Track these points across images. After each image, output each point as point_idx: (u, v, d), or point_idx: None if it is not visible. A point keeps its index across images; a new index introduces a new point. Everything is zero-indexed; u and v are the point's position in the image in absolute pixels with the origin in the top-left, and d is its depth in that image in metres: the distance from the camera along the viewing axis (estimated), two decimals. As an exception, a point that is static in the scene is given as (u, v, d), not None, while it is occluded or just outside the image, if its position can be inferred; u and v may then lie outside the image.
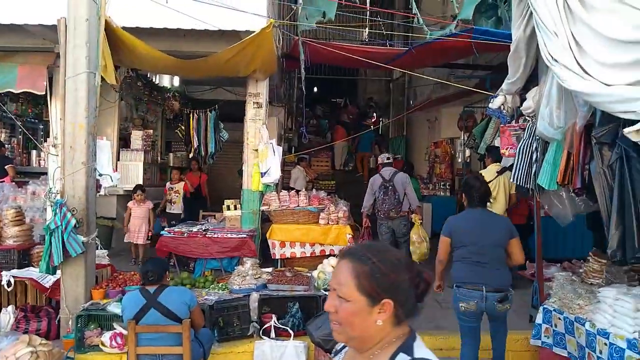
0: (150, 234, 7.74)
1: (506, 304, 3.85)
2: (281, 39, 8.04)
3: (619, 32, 2.89)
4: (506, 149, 4.75)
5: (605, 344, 3.60)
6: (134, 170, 8.43)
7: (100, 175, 5.19)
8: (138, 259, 7.60)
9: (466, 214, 4.09)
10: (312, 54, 7.65)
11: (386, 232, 7.03)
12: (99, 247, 5.70)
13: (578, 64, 3.10)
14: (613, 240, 2.95)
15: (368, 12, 11.38)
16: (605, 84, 2.94)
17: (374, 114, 17.68)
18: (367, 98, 19.23)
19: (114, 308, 4.51)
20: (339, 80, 17.19)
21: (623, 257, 2.92)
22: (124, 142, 8.87)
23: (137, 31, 6.14)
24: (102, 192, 5.42)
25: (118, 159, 8.53)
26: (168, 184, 8.90)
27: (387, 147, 15.94)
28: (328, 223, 7.40)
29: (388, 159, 7.51)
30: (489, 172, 6.57)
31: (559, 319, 4.11)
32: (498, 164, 6.61)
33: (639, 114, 2.72)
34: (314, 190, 8.68)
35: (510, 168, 6.34)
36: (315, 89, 22.50)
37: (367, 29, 13.43)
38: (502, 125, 4.69)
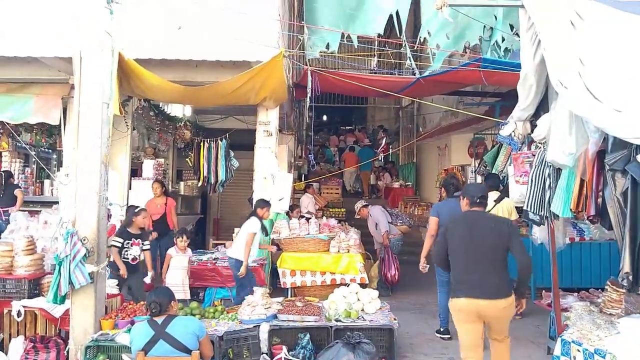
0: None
1: None
2: (291, 68, 8.16)
3: (626, 58, 2.89)
4: (520, 177, 4.70)
5: (627, 377, 3.47)
6: (144, 200, 8.45)
7: (111, 204, 5.21)
8: None
9: (445, 201, 6.10)
10: (321, 83, 7.74)
11: None
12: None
13: (588, 90, 3.09)
14: (624, 267, 2.87)
15: (376, 42, 11.53)
16: (616, 110, 2.92)
17: (384, 141, 17.77)
18: (377, 125, 19.38)
19: (123, 339, 4.46)
20: (349, 109, 17.36)
21: (635, 285, 2.84)
22: (135, 171, 8.95)
23: (149, 62, 6.27)
24: (112, 221, 5.43)
25: (130, 188, 8.58)
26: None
27: (398, 174, 15.96)
28: (339, 251, 7.34)
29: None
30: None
31: (578, 350, 3.98)
32: (496, 191, 6.55)
33: (653, 140, 2.69)
34: (324, 218, 8.65)
35: (507, 195, 6.34)
36: (325, 118, 22.75)
37: (375, 58, 13.58)
38: (514, 153, 4.66)
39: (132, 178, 8.68)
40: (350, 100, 15.81)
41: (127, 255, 6.00)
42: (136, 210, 6.28)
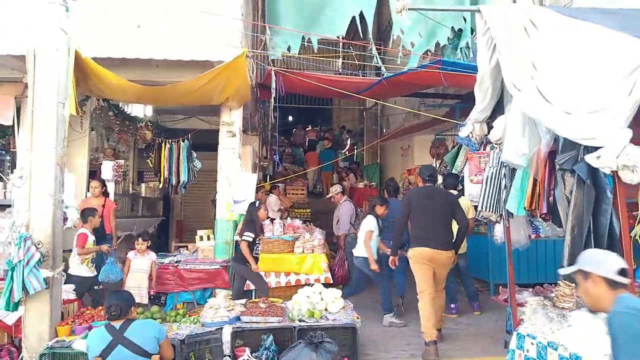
0: (152, 293, 6.43)
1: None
2: (255, 69, 8.12)
3: (574, 62, 3.02)
4: (474, 176, 4.84)
5: (578, 368, 3.61)
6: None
7: (67, 207, 5.06)
8: None
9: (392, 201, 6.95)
10: (285, 83, 7.74)
11: None
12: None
13: (540, 93, 3.22)
14: (564, 262, 3.01)
15: (341, 44, 11.62)
16: (566, 112, 3.05)
17: (349, 142, 17.91)
18: (340, 127, 19.51)
19: (80, 345, 4.33)
20: (314, 109, 17.39)
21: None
22: (94, 173, 8.70)
23: (108, 61, 6.12)
24: (68, 225, 5.27)
25: (88, 190, 8.34)
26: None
27: (362, 174, 16.12)
28: (303, 252, 7.35)
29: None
30: None
31: (532, 344, 4.12)
32: (454, 190, 6.73)
33: (599, 141, 2.82)
34: (288, 218, 8.65)
35: (464, 193, 6.54)
36: (290, 118, 22.75)
37: (340, 59, 13.70)
38: (470, 153, 4.79)
39: (91, 180, 8.43)
40: (316, 101, 15.85)
41: (257, 250, 6.39)
42: (257, 205, 6.48)
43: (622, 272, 2.29)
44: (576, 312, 3.95)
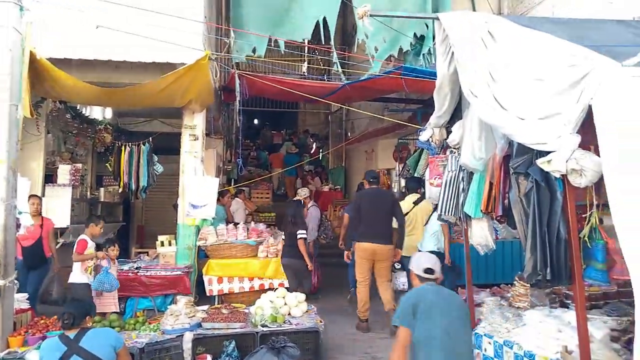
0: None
1: None
2: (218, 72, 8.04)
3: (527, 70, 3.13)
4: (434, 179, 4.94)
5: (532, 366, 3.74)
6: (60, 207, 7.97)
7: (20, 213, 4.88)
8: None
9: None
10: (250, 87, 7.70)
11: None
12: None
13: (495, 99, 3.32)
14: (528, 265, 3.11)
15: (306, 48, 11.66)
16: (520, 118, 3.15)
17: (314, 145, 17.98)
18: (303, 131, 19.59)
19: (33, 356, 4.17)
20: (280, 113, 17.36)
21: (537, 281, 3.09)
22: (50, 177, 8.40)
23: (65, 62, 5.95)
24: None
25: (43, 195, 8.05)
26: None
27: (328, 178, 16.19)
28: (267, 256, 7.31)
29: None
30: (405, 203, 6.83)
31: (489, 343, 4.24)
32: (415, 194, 6.87)
33: (550, 146, 2.92)
34: (252, 222, 8.59)
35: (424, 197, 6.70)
36: (256, 121, 22.63)
37: (305, 63, 13.73)
38: (430, 157, 4.89)
39: (47, 184, 8.16)
40: (281, 104, 15.82)
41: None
42: (302, 203, 7.19)
43: (428, 271, 3.28)
44: (530, 311, 4.09)
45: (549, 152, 2.95)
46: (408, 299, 3.20)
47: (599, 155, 2.81)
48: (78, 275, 5.69)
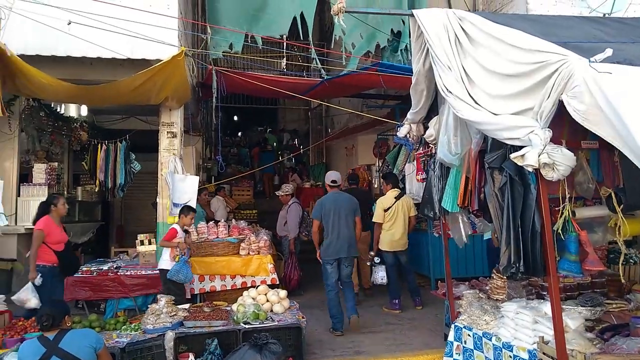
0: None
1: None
2: (195, 68, 7.97)
3: (500, 66, 3.19)
4: (419, 175, 5.00)
5: (510, 357, 3.83)
6: (36, 207, 7.82)
7: (-6, 213, 4.79)
8: None
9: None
10: (228, 83, 7.64)
11: None
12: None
13: (470, 95, 3.38)
14: (504, 258, 3.18)
15: (284, 44, 11.65)
16: (493, 114, 3.21)
17: (295, 142, 17.96)
18: (279, 129, 19.58)
19: (12, 359, 4.10)
20: (260, 110, 17.30)
21: (512, 274, 3.16)
22: (25, 176, 8.24)
23: (37, 59, 5.83)
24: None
25: (18, 195, 7.90)
26: None
27: (309, 175, 16.20)
28: (249, 253, 7.30)
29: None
30: (387, 199, 6.90)
31: (469, 335, 4.32)
32: (396, 189, 6.93)
33: (522, 141, 2.99)
34: (233, 220, 8.56)
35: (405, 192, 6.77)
36: (236, 118, 22.48)
37: (284, 60, 13.66)
38: (417, 152, 4.94)
39: (22, 184, 8.00)
40: (261, 101, 15.75)
41: None
42: None
43: (332, 182, 5.97)
44: (507, 303, 4.18)
45: (522, 147, 3.02)
46: (321, 201, 6.17)
47: (569, 150, 2.90)
48: (167, 262, 5.89)
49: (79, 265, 6.30)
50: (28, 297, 5.18)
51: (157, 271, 6.29)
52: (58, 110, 9.06)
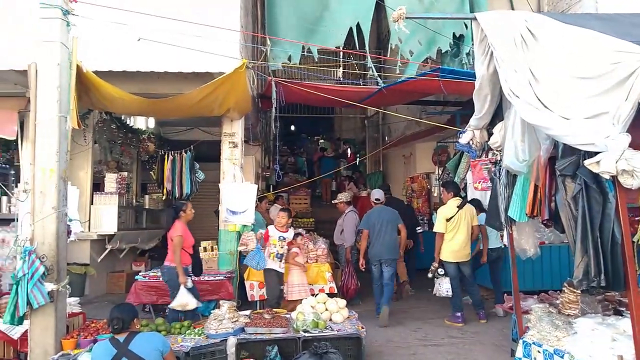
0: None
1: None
2: (255, 80, 8.17)
3: (571, 68, 3.03)
4: (478, 183, 4.83)
5: (585, 375, 3.59)
6: (108, 214, 8.28)
7: (71, 220, 5.08)
8: None
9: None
10: (286, 93, 7.78)
11: None
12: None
13: (538, 98, 3.23)
14: (578, 270, 2.99)
15: (341, 54, 11.72)
16: (564, 118, 3.05)
17: (349, 151, 17.95)
18: (336, 137, 19.65)
19: (85, 358, 4.32)
20: (316, 119, 17.45)
21: (591, 287, 2.96)
22: (98, 185, 8.74)
23: (110, 75, 6.17)
24: (72, 238, 5.28)
25: (92, 203, 8.38)
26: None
27: (365, 183, 16.11)
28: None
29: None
30: (449, 208, 6.64)
31: (539, 352, 4.09)
32: (458, 198, 6.69)
33: (598, 146, 2.81)
34: (291, 228, 8.62)
35: (469, 201, 6.53)
36: (293, 127, 22.80)
37: (340, 69, 13.70)
38: (472, 160, 4.78)
39: (95, 192, 8.49)
40: (317, 110, 15.89)
41: None
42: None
43: (376, 200, 7.35)
44: (581, 319, 3.93)
45: (597, 153, 2.84)
46: (368, 214, 7.22)
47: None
48: (268, 261, 6.43)
49: (202, 266, 6.52)
50: (187, 300, 5.64)
51: (220, 277, 6.44)
52: (128, 122, 9.55)
